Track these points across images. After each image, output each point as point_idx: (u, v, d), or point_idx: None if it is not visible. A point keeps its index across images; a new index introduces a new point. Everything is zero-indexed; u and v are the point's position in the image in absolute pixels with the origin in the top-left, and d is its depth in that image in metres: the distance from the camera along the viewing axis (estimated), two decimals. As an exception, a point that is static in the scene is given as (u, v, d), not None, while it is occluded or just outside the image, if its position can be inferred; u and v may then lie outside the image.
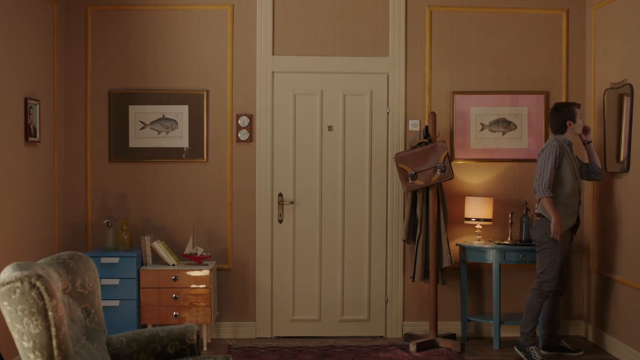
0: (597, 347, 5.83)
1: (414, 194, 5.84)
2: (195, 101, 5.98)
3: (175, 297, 5.57)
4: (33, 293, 2.74)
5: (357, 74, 6.07)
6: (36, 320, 2.76)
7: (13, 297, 2.74)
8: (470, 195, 6.07)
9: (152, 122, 5.98)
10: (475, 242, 5.93)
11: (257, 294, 6.03)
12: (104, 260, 5.52)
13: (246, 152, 6.02)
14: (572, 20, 6.13)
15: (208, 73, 6.00)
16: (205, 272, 5.60)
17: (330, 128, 6.07)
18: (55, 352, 2.80)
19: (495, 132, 6.11)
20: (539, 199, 5.25)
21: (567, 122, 5.34)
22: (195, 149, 5.99)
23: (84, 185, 5.97)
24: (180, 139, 5.99)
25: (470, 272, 6.11)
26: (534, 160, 6.12)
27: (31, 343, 2.79)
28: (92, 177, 5.97)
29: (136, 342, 3.53)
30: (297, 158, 6.05)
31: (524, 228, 5.89)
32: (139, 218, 5.98)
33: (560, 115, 5.36)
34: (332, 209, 6.07)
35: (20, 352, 2.85)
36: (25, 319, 2.76)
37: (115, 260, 5.55)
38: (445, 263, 5.79)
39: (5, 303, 2.76)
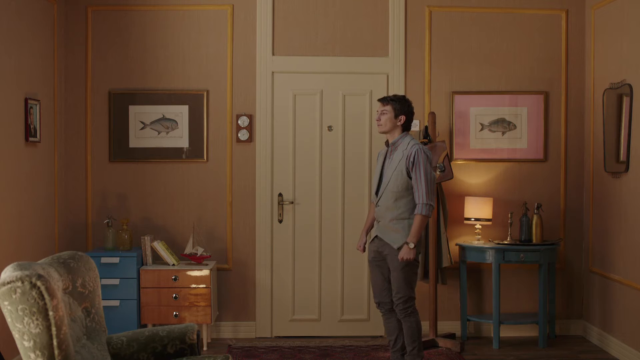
0: (596, 346, 5.84)
1: (414, 194, 5.84)
2: (195, 101, 5.98)
3: (176, 297, 5.58)
4: (34, 293, 2.74)
5: (356, 74, 6.07)
6: (37, 319, 2.76)
7: (14, 296, 2.75)
8: (469, 195, 6.07)
9: (152, 122, 5.98)
10: (475, 242, 5.94)
11: (257, 293, 6.04)
12: (104, 260, 5.53)
13: (246, 152, 6.02)
14: (571, 20, 6.14)
15: (208, 73, 6.01)
16: (205, 272, 5.61)
17: (330, 128, 6.08)
18: (56, 352, 2.80)
19: (494, 132, 6.12)
20: None
21: None
22: (195, 149, 5.99)
23: (84, 185, 5.98)
24: (180, 139, 5.99)
25: (469, 272, 6.12)
26: (533, 161, 6.13)
27: (32, 342, 2.79)
28: (92, 177, 5.98)
29: (136, 341, 3.54)
30: (297, 158, 6.06)
31: (523, 228, 5.89)
32: (139, 218, 5.98)
33: None
34: (331, 209, 6.07)
35: (21, 351, 2.85)
36: (26, 319, 2.76)
37: (116, 260, 5.55)
38: (445, 263, 5.80)
39: (6, 303, 2.77)
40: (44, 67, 5.53)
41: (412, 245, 4.54)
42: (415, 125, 5.98)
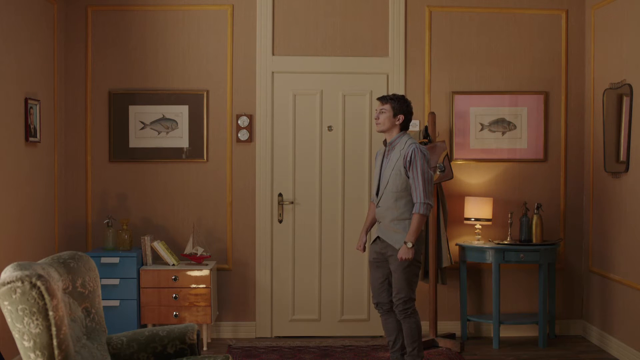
0: (596, 346, 5.84)
1: (414, 194, 5.84)
2: (195, 101, 5.98)
3: (175, 297, 5.58)
4: (34, 293, 2.74)
5: (356, 74, 6.07)
6: (37, 319, 2.76)
7: (14, 296, 2.75)
8: (469, 195, 6.07)
9: (152, 122, 5.98)
10: (475, 242, 5.94)
11: (257, 293, 6.04)
12: (104, 260, 5.53)
13: (246, 152, 6.02)
14: (571, 20, 6.14)
15: (208, 73, 6.01)
16: (205, 272, 5.61)
17: (330, 128, 6.08)
18: (56, 352, 2.80)
19: (494, 132, 6.12)
20: None
21: None
22: (195, 149, 5.99)
23: (84, 185, 5.98)
24: (180, 139, 5.99)
25: (469, 272, 6.12)
26: (533, 161, 6.13)
27: (32, 342, 2.79)
28: (92, 177, 5.98)
29: (136, 341, 3.54)
30: (297, 158, 6.06)
31: (523, 228, 5.89)
32: (139, 218, 5.98)
33: None
34: (331, 209, 6.07)
35: (21, 351, 2.85)
36: (26, 319, 2.76)
37: (116, 260, 5.55)
38: (445, 263, 5.80)
39: (6, 303, 2.77)
40: (44, 67, 5.53)
41: (410, 245, 4.54)
42: (415, 125, 5.98)
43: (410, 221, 4.62)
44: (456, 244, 6.05)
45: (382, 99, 4.77)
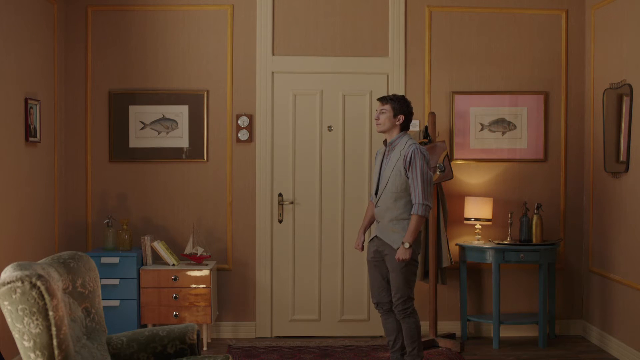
0: (596, 346, 5.84)
1: (414, 194, 5.83)
2: (195, 101, 5.98)
3: (176, 297, 5.58)
4: (34, 293, 2.74)
5: (356, 74, 6.07)
6: (37, 319, 2.76)
7: (14, 296, 2.75)
8: (469, 195, 6.07)
9: (152, 122, 5.98)
10: (475, 242, 5.94)
11: (257, 293, 6.04)
12: (104, 260, 5.53)
13: (246, 152, 6.02)
14: (571, 20, 6.14)
15: (208, 73, 6.01)
16: (205, 272, 5.61)
17: (330, 128, 6.08)
18: (56, 352, 2.80)
19: (494, 132, 6.12)
20: None
21: None
22: (195, 149, 5.99)
23: (84, 185, 5.98)
24: (180, 139, 5.99)
25: (469, 272, 6.12)
26: (533, 161, 6.13)
27: (32, 342, 2.79)
28: (92, 177, 5.98)
29: (136, 341, 3.54)
30: (297, 158, 6.06)
31: (523, 228, 5.89)
32: (139, 218, 5.98)
33: None
34: (331, 209, 6.07)
35: (21, 351, 2.85)
36: (26, 319, 2.77)
37: (116, 260, 5.55)
38: (445, 263, 5.80)
39: (6, 303, 2.77)
40: (44, 67, 5.53)
41: (407, 245, 4.54)
42: (415, 126, 5.98)
43: (409, 221, 4.62)
44: (456, 244, 6.05)
45: (383, 100, 4.78)
